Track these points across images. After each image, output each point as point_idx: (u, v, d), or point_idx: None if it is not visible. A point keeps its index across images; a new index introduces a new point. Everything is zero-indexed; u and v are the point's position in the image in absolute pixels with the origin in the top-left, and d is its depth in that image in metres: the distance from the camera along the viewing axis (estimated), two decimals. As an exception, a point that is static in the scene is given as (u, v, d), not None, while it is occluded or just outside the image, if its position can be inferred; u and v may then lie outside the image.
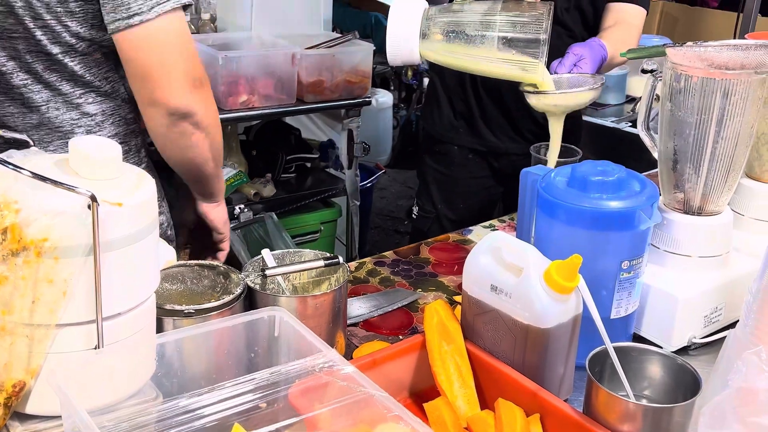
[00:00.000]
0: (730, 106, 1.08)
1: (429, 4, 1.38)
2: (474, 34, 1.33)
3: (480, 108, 1.90)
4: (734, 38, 2.41)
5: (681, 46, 1.11)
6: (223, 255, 1.41)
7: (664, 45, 1.18)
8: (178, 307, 0.95)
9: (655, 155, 1.22)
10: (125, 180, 0.81)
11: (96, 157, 0.78)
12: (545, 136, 1.46)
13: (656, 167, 1.21)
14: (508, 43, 1.32)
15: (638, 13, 1.81)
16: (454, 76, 1.88)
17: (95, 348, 0.77)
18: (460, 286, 1.18)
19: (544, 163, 1.44)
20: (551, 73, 1.45)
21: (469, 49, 1.34)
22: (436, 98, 1.98)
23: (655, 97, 1.25)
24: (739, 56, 1.08)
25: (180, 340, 0.87)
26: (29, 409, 0.78)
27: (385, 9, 3.96)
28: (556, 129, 1.45)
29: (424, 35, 1.35)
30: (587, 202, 1.04)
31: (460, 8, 1.37)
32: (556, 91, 1.40)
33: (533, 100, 1.41)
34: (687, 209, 1.16)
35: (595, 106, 2.85)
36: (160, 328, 0.90)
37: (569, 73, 1.49)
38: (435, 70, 2.03)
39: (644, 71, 2.47)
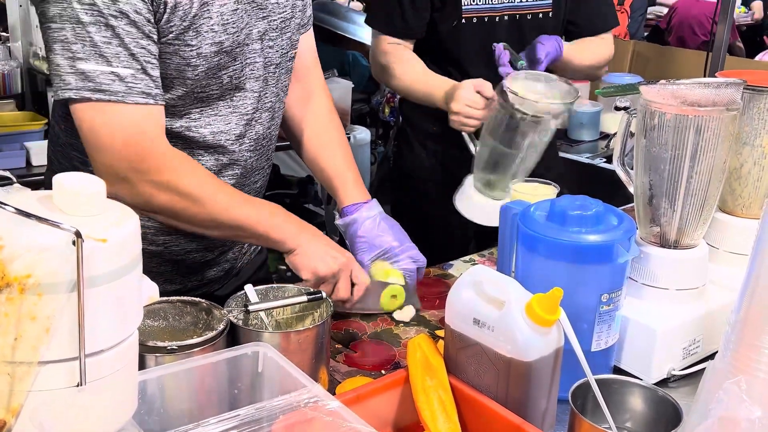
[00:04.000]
0: (703, 142, 1.11)
1: None
2: None
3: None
4: (704, 76, 2.48)
5: (654, 83, 1.14)
6: (347, 301, 1.30)
7: (637, 83, 1.21)
8: (160, 344, 0.95)
9: (631, 190, 1.25)
10: (109, 216, 0.81)
11: (80, 192, 0.79)
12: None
13: (632, 202, 1.23)
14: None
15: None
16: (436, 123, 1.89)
17: (77, 385, 0.76)
18: (442, 320, 1.19)
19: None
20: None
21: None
22: (407, 140, 2.00)
23: (629, 133, 1.28)
24: (711, 93, 1.12)
25: (162, 377, 0.87)
26: (9, 449, 0.77)
27: (363, 47, 4.01)
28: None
29: None
30: (566, 235, 1.05)
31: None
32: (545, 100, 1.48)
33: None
34: (663, 243, 1.19)
35: (570, 142, 2.90)
36: (142, 365, 0.90)
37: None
38: (407, 113, 2.04)
39: (617, 108, 2.53)
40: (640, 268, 1.18)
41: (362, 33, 4.10)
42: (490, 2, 1.80)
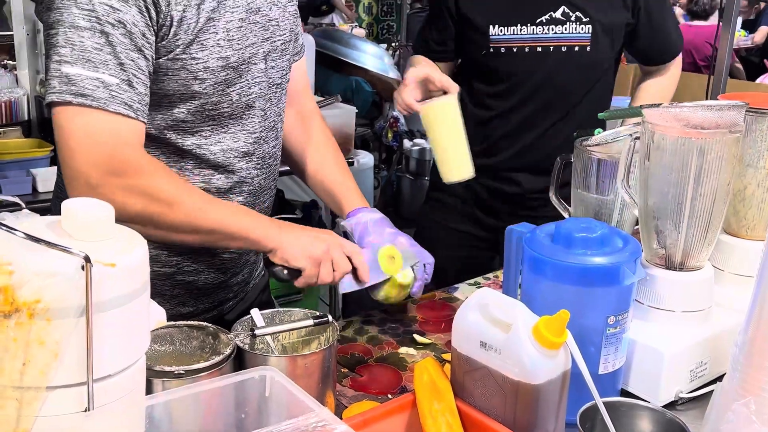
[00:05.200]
0: (706, 164, 1.12)
1: None
2: None
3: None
4: (706, 99, 2.49)
5: (657, 107, 1.15)
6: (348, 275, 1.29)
7: (640, 106, 1.22)
8: (167, 368, 0.95)
9: (636, 212, 1.25)
10: (117, 241, 0.81)
11: (89, 218, 0.79)
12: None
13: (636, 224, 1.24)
14: None
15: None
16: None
17: (85, 410, 0.76)
18: (448, 343, 1.19)
19: None
20: None
21: None
22: None
23: (633, 156, 1.28)
24: (714, 116, 1.12)
25: (169, 402, 0.87)
26: (16, 475, 0.76)
27: (366, 73, 4.04)
28: None
29: None
30: (572, 258, 1.06)
31: None
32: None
33: None
34: (669, 265, 1.19)
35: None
36: (149, 390, 0.89)
37: None
38: None
39: (620, 131, 2.54)
40: (646, 290, 1.18)
41: (365, 59, 4.14)
42: (518, 33, 1.77)
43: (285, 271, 1.24)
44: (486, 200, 1.92)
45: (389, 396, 1.19)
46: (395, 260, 1.34)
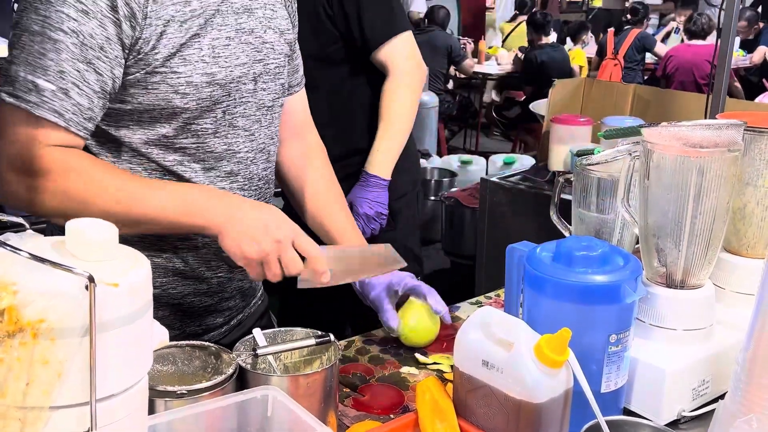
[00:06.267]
0: (705, 183, 1.12)
1: None
2: None
3: None
4: (705, 118, 2.50)
5: (656, 126, 1.16)
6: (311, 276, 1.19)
7: (639, 126, 1.23)
8: (170, 388, 0.95)
9: (635, 231, 1.26)
10: (121, 261, 0.82)
11: (92, 238, 0.80)
12: None
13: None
14: None
15: None
16: None
17: (88, 431, 0.76)
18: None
19: None
20: None
21: None
22: None
23: (632, 175, 1.29)
24: (712, 135, 1.13)
25: (172, 422, 0.87)
26: (19, 496, 0.76)
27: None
28: None
29: None
30: (573, 276, 1.06)
31: None
32: None
33: None
34: (669, 283, 1.19)
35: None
36: (151, 410, 0.90)
37: None
38: None
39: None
40: (647, 308, 1.18)
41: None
42: None
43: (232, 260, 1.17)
44: None
45: (391, 416, 1.19)
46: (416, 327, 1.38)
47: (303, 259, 1.17)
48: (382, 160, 1.92)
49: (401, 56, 1.95)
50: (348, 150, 1.96)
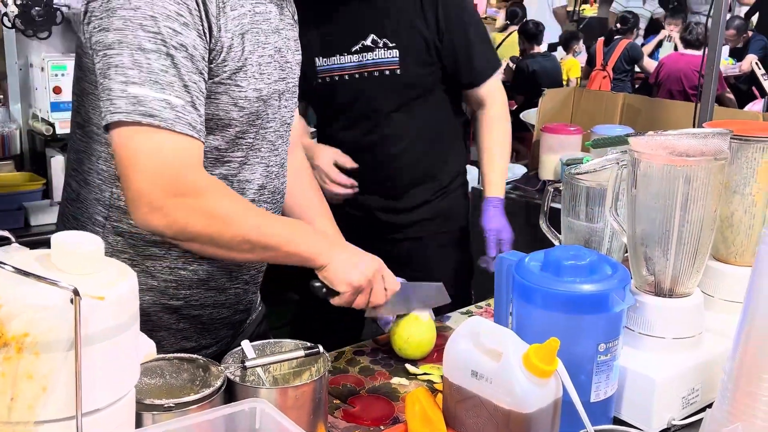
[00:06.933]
0: (692, 191, 1.13)
1: None
2: None
3: None
4: (693, 127, 2.51)
5: (643, 135, 1.16)
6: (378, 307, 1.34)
7: (627, 135, 1.24)
8: (157, 402, 0.94)
9: (624, 240, 1.26)
10: (106, 273, 0.81)
11: (78, 251, 0.80)
12: None
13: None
14: None
15: None
16: None
17: (74, 445, 0.76)
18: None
19: None
20: None
21: None
22: None
23: (620, 184, 1.30)
24: (699, 144, 1.14)
25: (159, 436, 0.86)
26: None
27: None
28: None
29: None
30: (562, 286, 1.06)
31: None
32: None
33: None
34: (658, 291, 1.19)
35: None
36: (138, 424, 0.89)
37: None
38: None
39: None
40: (635, 317, 1.19)
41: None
42: (339, 62, 1.91)
43: (324, 290, 1.29)
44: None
45: (381, 427, 1.19)
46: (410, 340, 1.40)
47: None
48: (500, 182, 2.00)
49: (499, 89, 2.03)
50: (426, 175, 2.02)
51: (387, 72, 1.89)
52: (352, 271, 1.28)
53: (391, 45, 1.87)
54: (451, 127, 2.06)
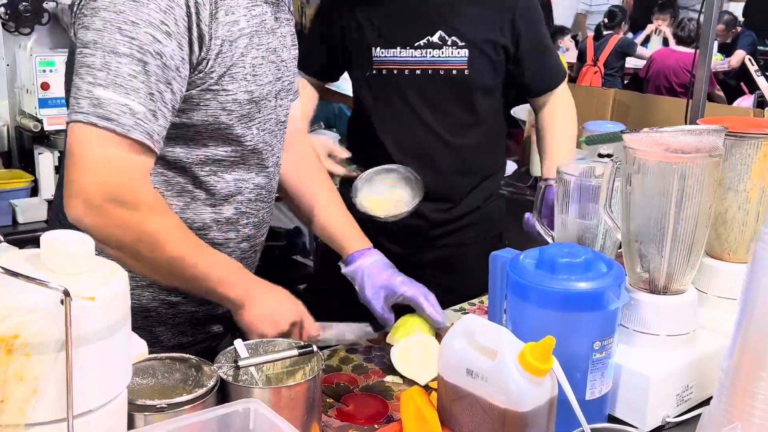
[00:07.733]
0: (687, 188, 1.12)
1: None
2: None
3: None
4: (685, 123, 2.52)
5: (638, 132, 1.16)
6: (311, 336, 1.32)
7: (620, 131, 1.23)
8: (149, 402, 0.93)
9: (618, 237, 1.25)
10: (97, 273, 0.80)
11: (68, 251, 0.78)
12: None
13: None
14: None
15: None
16: None
17: (65, 448, 0.75)
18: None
19: None
20: None
21: None
22: None
23: (614, 181, 1.29)
24: (694, 140, 1.13)
25: (152, 437, 0.85)
26: None
27: (347, 100, 4.06)
28: None
29: None
30: (556, 283, 1.05)
31: None
32: None
33: None
34: (653, 289, 1.19)
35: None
36: (131, 425, 0.88)
37: None
38: None
39: (600, 156, 2.56)
40: (630, 314, 1.18)
41: (346, 86, 4.15)
42: (400, 55, 1.83)
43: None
44: (392, 231, 1.89)
45: (375, 426, 1.18)
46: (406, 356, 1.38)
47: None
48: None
49: (568, 96, 2.02)
50: (486, 173, 1.99)
51: (454, 72, 1.82)
52: (266, 323, 1.24)
53: (461, 44, 1.81)
54: (503, 133, 2.04)
